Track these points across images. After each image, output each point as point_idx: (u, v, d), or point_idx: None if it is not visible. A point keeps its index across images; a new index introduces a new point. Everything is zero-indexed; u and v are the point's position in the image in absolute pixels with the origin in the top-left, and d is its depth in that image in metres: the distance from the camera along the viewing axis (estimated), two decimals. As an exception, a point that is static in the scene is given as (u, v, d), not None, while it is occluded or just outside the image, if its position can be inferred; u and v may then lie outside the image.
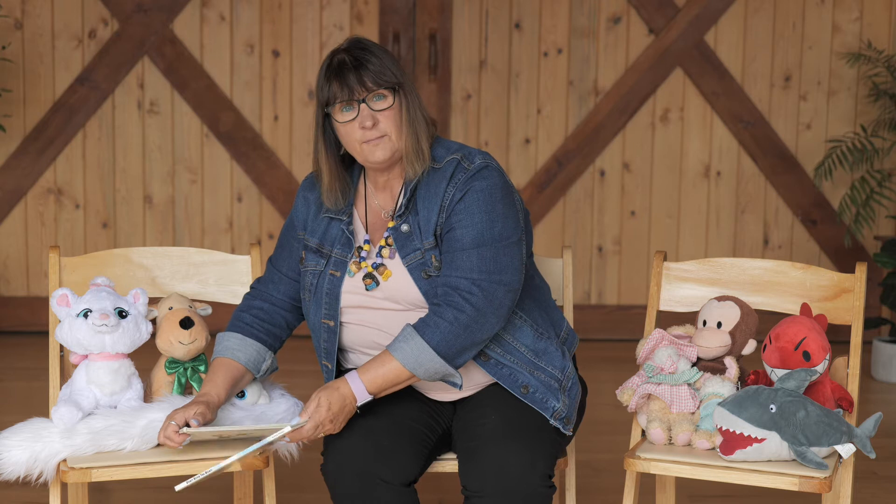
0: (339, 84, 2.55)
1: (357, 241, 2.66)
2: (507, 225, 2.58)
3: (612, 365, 3.53)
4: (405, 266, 2.60)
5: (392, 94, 2.57)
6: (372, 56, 2.56)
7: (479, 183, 2.57)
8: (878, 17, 5.51)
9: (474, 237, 2.55)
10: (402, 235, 2.61)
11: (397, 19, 5.48)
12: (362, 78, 2.54)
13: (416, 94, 2.61)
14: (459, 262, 2.55)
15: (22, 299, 5.59)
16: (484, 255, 2.54)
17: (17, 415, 2.85)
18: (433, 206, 2.59)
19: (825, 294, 2.85)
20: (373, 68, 2.55)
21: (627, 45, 5.54)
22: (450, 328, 2.50)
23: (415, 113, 2.58)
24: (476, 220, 2.55)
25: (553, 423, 2.62)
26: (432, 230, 2.58)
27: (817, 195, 5.61)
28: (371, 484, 2.50)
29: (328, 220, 2.69)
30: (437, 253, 2.58)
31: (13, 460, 2.59)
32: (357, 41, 2.60)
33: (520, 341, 2.65)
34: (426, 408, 2.68)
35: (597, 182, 5.61)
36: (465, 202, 2.56)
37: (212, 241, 5.56)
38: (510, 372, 2.63)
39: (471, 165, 2.59)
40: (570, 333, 2.78)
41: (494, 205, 2.57)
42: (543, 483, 2.51)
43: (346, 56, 2.57)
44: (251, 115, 5.53)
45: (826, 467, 2.54)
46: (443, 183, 2.58)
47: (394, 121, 2.57)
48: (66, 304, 2.72)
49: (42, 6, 5.45)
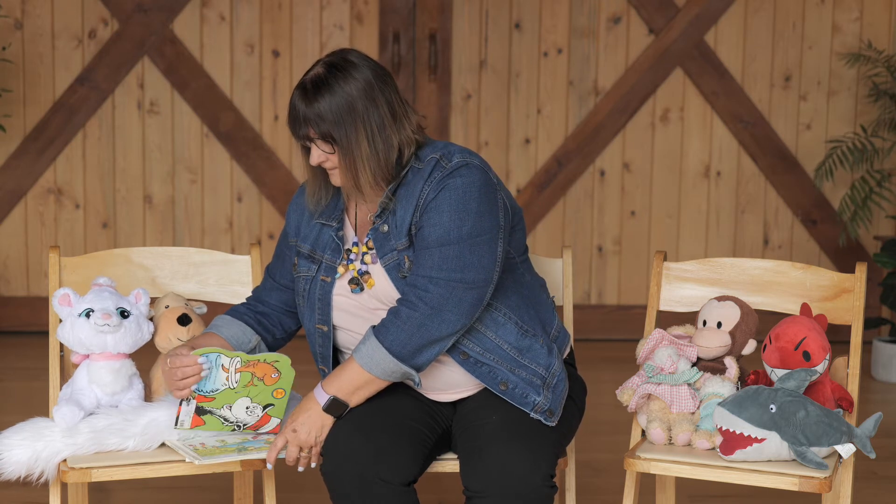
0: (296, 117, 2.58)
1: (346, 244, 2.68)
2: (480, 222, 2.57)
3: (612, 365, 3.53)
4: (383, 267, 2.61)
5: (331, 144, 2.57)
6: (322, 98, 2.55)
7: (454, 181, 2.57)
8: (878, 17, 5.51)
9: (439, 236, 2.55)
10: (381, 236, 2.62)
11: (397, 19, 5.48)
12: (308, 127, 2.57)
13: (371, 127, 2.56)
14: (422, 261, 2.56)
15: (22, 299, 5.59)
16: (446, 254, 2.54)
17: (17, 415, 2.85)
18: (409, 206, 2.59)
19: (825, 294, 2.85)
20: (317, 115, 2.55)
21: (627, 45, 5.54)
22: (403, 327, 2.52)
23: (359, 159, 2.56)
24: (444, 218, 2.55)
25: (534, 416, 2.61)
26: (406, 230, 2.59)
27: (817, 195, 5.61)
28: (370, 484, 2.50)
29: (319, 227, 2.72)
30: (409, 253, 2.60)
31: (14, 459, 2.59)
32: (319, 76, 2.58)
33: (503, 338, 2.64)
34: (426, 408, 2.68)
35: (597, 182, 5.61)
36: (437, 200, 2.56)
37: (212, 241, 5.56)
38: (489, 370, 2.63)
39: (448, 164, 2.59)
40: (560, 331, 2.77)
41: (468, 202, 2.56)
42: (546, 483, 2.51)
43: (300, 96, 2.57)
44: (251, 115, 5.54)
45: (826, 467, 2.54)
46: (420, 182, 2.59)
47: (339, 163, 2.59)
48: (67, 304, 2.72)
49: (42, 6, 5.45)
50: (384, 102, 2.58)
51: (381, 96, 2.58)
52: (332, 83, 2.56)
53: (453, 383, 2.69)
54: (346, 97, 2.55)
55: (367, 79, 2.57)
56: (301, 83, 2.60)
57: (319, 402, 2.57)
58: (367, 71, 2.58)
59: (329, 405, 2.57)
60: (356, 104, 2.55)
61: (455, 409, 2.72)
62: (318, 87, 2.56)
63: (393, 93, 2.61)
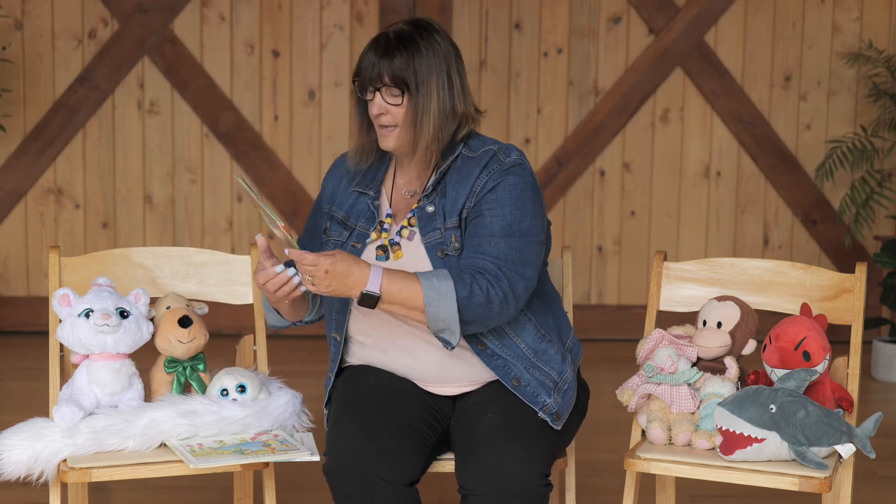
0: (368, 64, 2.62)
1: (380, 216, 2.71)
2: (534, 223, 2.63)
3: (612, 365, 3.53)
4: (423, 244, 2.64)
5: (403, 94, 2.60)
6: (403, 51, 2.60)
7: (512, 177, 2.62)
8: (878, 17, 5.51)
9: (503, 227, 2.59)
10: (426, 215, 2.66)
11: (397, 19, 5.46)
12: (381, 71, 2.60)
13: (444, 90, 2.62)
14: (486, 248, 2.59)
15: (22, 299, 5.59)
16: (511, 245, 2.59)
17: (17, 415, 2.85)
18: (463, 190, 2.63)
19: (825, 294, 2.85)
20: (395, 65, 2.59)
21: (627, 45, 5.54)
22: (480, 295, 2.53)
23: (426, 114, 2.61)
24: (506, 211, 2.60)
25: (542, 416, 2.63)
26: (458, 211, 2.63)
27: (817, 195, 5.61)
28: (372, 484, 2.51)
29: (356, 195, 2.75)
30: (458, 233, 2.63)
31: (14, 460, 2.59)
32: (404, 31, 2.64)
33: (521, 338, 2.67)
34: (427, 407, 2.68)
35: (597, 182, 5.61)
36: (496, 192, 2.61)
37: (212, 241, 5.56)
38: (504, 364, 2.65)
39: (506, 159, 2.64)
40: (575, 343, 2.81)
41: (524, 201, 2.62)
42: (541, 482, 2.51)
43: (384, 41, 2.62)
44: (251, 115, 5.54)
45: (826, 467, 2.54)
46: (476, 170, 2.63)
47: (403, 117, 2.62)
48: (67, 304, 2.72)
49: (42, 6, 5.45)
50: (456, 72, 2.65)
51: (455, 66, 2.65)
52: (416, 38, 2.62)
53: (453, 377, 2.70)
54: (427, 52, 2.61)
55: (447, 47, 2.65)
56: (382, 33, 2.65)
57: (364, 285, 2.50)
58: (448, 41, 2.67)
59: (369, 296, 2.51)
60: (434, 62, 2.61)
61: (454, 407, 2.72)
62: (400, 38, 2.62)
63: (463, 70, 2.68)
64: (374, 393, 2.66)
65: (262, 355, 2.93)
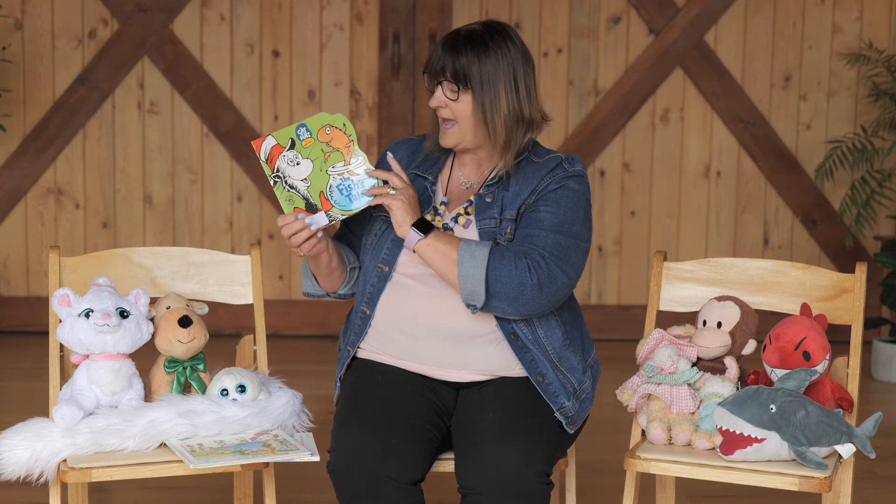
0: (436, 57, 2.68)
1: (435, 201, 2.77)
2: (583, 229, 2.70)
3: (612, 365, 3.53)
4: (478, 230, 2.69)
5: (460, 90, 2.65)
6: (470, 50, 2.65)
7: (573, 183, 2.70)
8: (878, 17, 5.51)
9: (555, 224, 2.65)
10: (484, 203, 2.71)
11: (397, 19, 5.48)
12: (444, 65, 2.66)
13: (512, 93, 2.67)
14: (535, 238, 2.64)
15: (22, 299, 5.59)
16: (559, 242, 2.65)
17: (17, 415, 2.85)
18: (526, 187, 2.70)
19: (825, 294, 2.85)
20: (460, 62, 2.65)
21: (627, 45, 5.54)
22: (514, 272, 2.59)
23: (497, 115, 2.66)
24: (561, 210, 2.67)
25: (557, 417, 2.66)
26: (518, 205, 2.69)
27: (817, 195, 5.61)
28: (379, 482, 2.51)
29: (414, 177, 2.79)
30: (513, 226, 2.69)
31: (14, 460, 2.59)
32: (475, 31, 2.68)
33: (549, 340, 2.71)
34: (433, 405, 2.68)
35: (597, 182, 5.61)
36: (556, 193, 2.68)
37: (212, 241, 5.56)
38: (532, 358, 2.69)
39: (571, 167, 2.72)
40: (595, 363, 2.84)
41: (579, 207, 2.70)
42: (540, 480, 2.51)
43: (453, 37, 2.68)
44: (251, 115, 5.54)
45: (826, 467, 2.54)
46: (542, 171, 2.71)
47: (464, 113, 2.68)
48: (67, 304, 2.72)
49: (42, 6, 5.45)
50: (524, 78, 2.70)
51: (523, 71, 2.70)
52: (486, 40, 2.67)
53: (460, 362, 2.71)
54: (495, 55, 2.66)
55: (518, 52, 2.70)
56: (456, 30, 2.70)
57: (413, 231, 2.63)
58: (519, 46, 2.71)
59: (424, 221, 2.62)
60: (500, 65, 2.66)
61: (457, 401, 2.72)
62: (470, 37, 2.67)
63: (532, 76, 2.73)
64: (381, 391, 2.67)
65: (262, 355, 2.93)
